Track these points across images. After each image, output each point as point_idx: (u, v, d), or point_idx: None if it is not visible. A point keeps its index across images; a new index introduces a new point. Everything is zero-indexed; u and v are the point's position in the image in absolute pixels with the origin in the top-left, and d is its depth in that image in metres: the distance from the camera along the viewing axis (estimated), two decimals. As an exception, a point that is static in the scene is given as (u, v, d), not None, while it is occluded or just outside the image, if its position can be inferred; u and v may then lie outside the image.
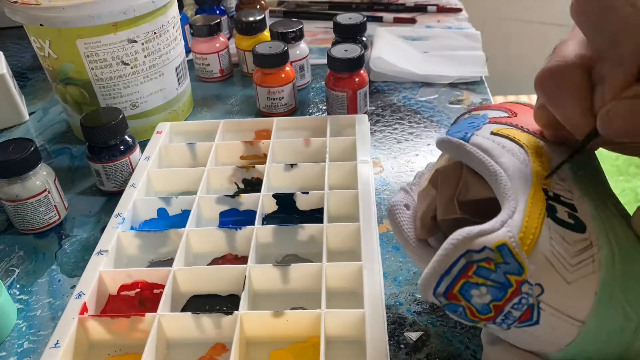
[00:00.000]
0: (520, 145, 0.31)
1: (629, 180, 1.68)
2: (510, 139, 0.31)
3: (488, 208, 0.29)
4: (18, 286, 0.43)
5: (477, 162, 0.30)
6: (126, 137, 0.51)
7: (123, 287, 0.41)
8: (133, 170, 0.51)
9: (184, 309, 0.40)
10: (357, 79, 0.57)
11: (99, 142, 0.49)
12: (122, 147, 0.50)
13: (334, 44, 0.65)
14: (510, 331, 0.26)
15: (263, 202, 0.47)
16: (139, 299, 0.41)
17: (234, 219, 0.48)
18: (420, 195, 0.34)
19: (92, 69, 0.53)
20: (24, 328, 0.40)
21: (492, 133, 0.32)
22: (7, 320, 0.39)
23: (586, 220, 0.27)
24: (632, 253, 0.26)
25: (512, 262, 0.24)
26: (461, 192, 0.31)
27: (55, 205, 0.48)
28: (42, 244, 0.47)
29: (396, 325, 0.38)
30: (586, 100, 0.26)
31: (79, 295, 0.39)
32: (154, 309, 0.38)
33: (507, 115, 0.36)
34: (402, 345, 0.37)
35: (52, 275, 0.44)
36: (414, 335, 0.37)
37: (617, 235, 0.26)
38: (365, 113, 0.60)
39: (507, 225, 0.25)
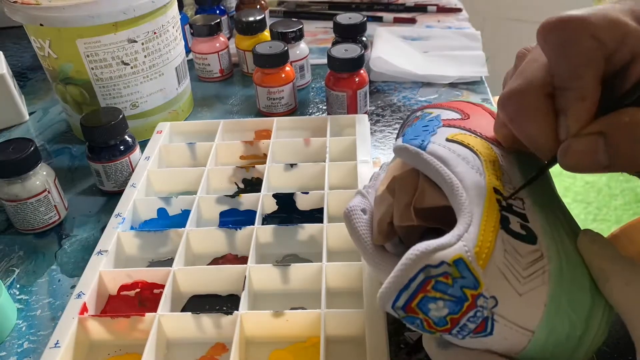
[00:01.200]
0: (475, 153, 0.31)
1: (628, 180, 1.68)
2: (465, 146, 0.32)
3: (444, 214, 0.29)
4: (18, 286, 0.43)
5: (433, 171, 0.30)
6: (126, 137, 0.51)
7: (123, 287, 0.41)
8: (133, 170, 0.51)
9: (184, 309, 0.40)
10: (357, 79, 0.57)
11: (99, 142, 0.49)
12: (122, 147, 0.50)
13: (334, 44, 0.65)
14: (464, 340, 0.27)
15: (263, 202, 0.47)
16: (138, 299, 0.41)
17: (234, 219, 0.48)
18: (377, 201, 0.34)
19: (92, 68, 0.53)
20: (24, 328, 0.40)
21: (448, 139, 0.32)
22: (7, 320, 0.39)
23: (537, 231, 0.27)
24: (578, 264, 0.27)
25: (468, 277, 0.25)
26: (418, 200, 0.31)
27: (55, 205, 0.48)
28: (42, 244, 0.47)
29: (396, 325, 0.38)
30: (549, 125, 0.27)
31: (79, 295, 0.39)
32: (154, 309, 0.38)
33: (459, 117, 0.36)
34: (402, 345, 0.37)
35: (52, 275, 0.44)
36: (414, 336, 0.37)
37: (565, 246, 0.27)
38: (365, 113, 0.60)
39: (463, 239, 0.26)
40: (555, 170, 0.31)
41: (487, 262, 0.25)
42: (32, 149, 0.45)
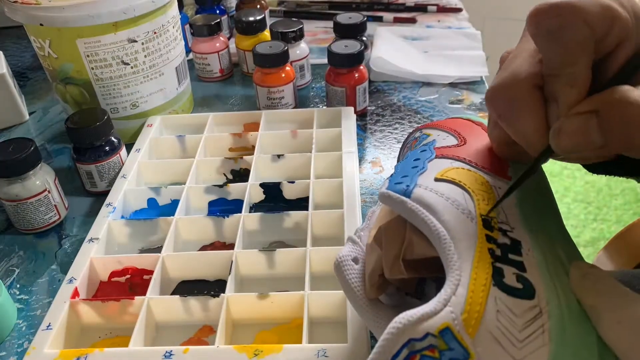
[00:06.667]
0: (467, 191, 0.29)
1: (628, 180, 1.68)
2: (456, 184, 0.29)
3: (437, 264, 0.27)
4: (18, 286, 0.43)
5: (419, 221, 0.28)
6: (112, 137, 0.51)
7: (113, 274, 0.42)
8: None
9: (172, 294, 0.41)
10: (356, 75, 0.58)
11: (86, 143, 0.49)
12: (107, 148, 0.50)
13: (334, 43, 0.65)
14: None
15: (250, 191, 0.47)
16: (129, 285, 0.42)
17: (222, 208, 0.48)
18: (368, 250, 0.32)
19: (92, 68, 0.53)
20: (24, 328, 0.40)
21: (437, 179, 0.30)
22: (7, 320, 0.39)
23: (535, 281, 0.25)
24: (583, 316, 0.24)
25: (456, 348, 0.23)
26: (406, 251, 0.29)
27: (55, 205, 0.48)
28: (42, 244, 0.47)
29: (396, 325, 0.38)
30: (539, 117, 0.26)
31: (70, 281, 0.40)
32: (143, 294, 0.39)
33: (455, 142, 0.34)
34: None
35: (52, 275, 0.44)
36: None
37: (567, 294, 0.25)
38: (364, 109, 0.60)
39: (450, 304, 0.24)
40: (555, 170, 0.31)
41: (477, 328, 0.23)
42: (32, 148, 0.45)
